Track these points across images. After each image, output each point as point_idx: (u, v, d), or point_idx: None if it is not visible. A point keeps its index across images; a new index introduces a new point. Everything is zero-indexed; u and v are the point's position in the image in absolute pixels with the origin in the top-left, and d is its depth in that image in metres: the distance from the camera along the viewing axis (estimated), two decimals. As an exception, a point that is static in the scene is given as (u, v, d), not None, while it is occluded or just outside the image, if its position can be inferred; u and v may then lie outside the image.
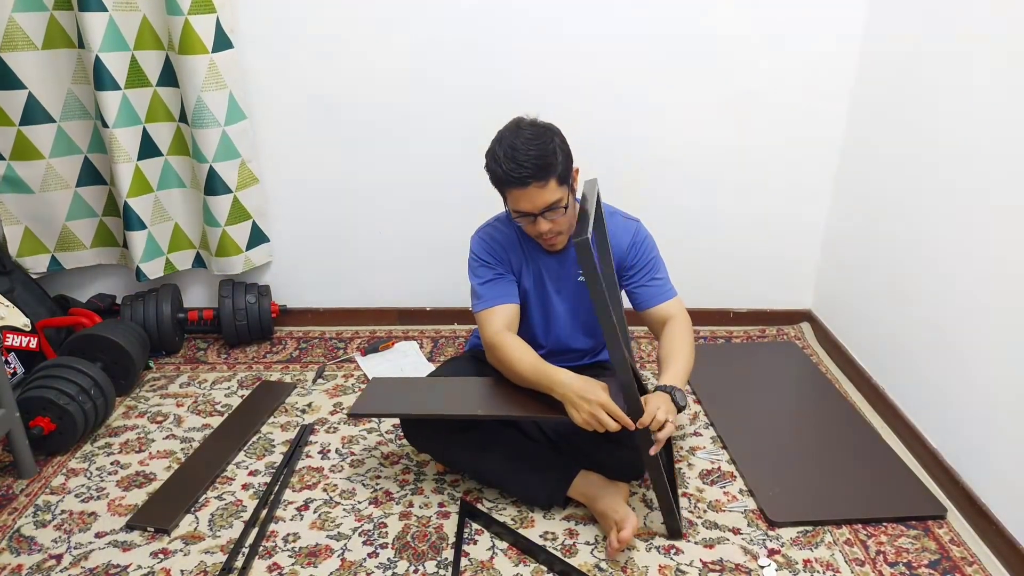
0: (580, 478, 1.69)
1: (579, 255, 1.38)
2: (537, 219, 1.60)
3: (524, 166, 1.53)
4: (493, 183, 1.63)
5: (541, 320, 1.83)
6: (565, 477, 1.70)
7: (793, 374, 2.36)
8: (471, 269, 1.78)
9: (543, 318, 1.83)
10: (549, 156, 1.56)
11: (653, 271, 1.78)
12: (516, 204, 1.60)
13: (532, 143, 1.55)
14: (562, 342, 1.85)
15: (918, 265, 1.97)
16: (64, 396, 1.90)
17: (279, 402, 2.19)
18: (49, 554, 1.61)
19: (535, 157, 1.54)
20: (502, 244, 1.76)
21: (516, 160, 1.53)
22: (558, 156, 1.58)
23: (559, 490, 1.71)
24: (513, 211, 1.62)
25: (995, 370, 1.66)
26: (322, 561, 1.59)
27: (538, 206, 1.58)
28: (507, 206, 1.65)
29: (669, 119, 2.39)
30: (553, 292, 1.79)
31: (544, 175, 1.55)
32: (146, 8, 2.18)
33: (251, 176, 2.42)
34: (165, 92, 2.30)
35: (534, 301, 1.81)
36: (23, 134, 2.22)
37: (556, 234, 1.66)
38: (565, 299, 1.80)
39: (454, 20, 2.27)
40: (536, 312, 1.82)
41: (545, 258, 1.77)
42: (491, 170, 1.60)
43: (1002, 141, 1.64)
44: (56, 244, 2.42)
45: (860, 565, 1.58)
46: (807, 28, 2.27)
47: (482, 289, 1.74)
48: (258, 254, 2.54)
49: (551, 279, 1.78)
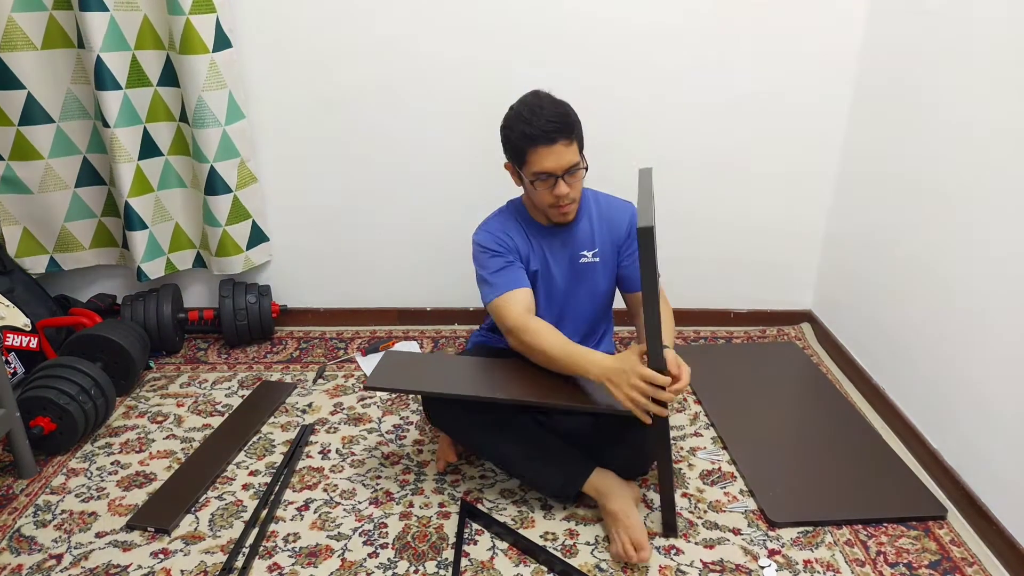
0: (596, 474, 1.69)
1: (642, 242, 1.35)
2: (559, 181, 1.64)
3: (553, 121, 1.60)
4: (514, 148, 1.66)
5: (546, 303, 1.84)
6: (583, 471, 1.69)
7: (793, 375, 2.35)
8: (479, 262, 1.78)
9: (546, 300, 1.84)
10: (572, 116, 1.65)
11: None
12: (541, 163, 1.63)
13: (555, 104, 1.65)
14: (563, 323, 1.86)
15: (918, 266, 1.97)
16: (64, 396, 1.90)
17: (279, 402, 2.19)
18: (49, 554, 1.61)
19: (560, 114, 1.62)
20: (507, 233, 1.79)
21: (545, 116, 1.60)
22: (577, 120, 1.66)
23: (576, 482, 1.69)
24: (534, 173, 1.65)
25: (995, 370, 1.66)
26: (322, 561, 1.59)
27: (563, 165, 1.63)
28: (523, 175, 1.68)
29: (669, 120, 2.38)
30: (556, 273, 1.81)
31: (570, 132, 1.62)
32: (147, 8, 2.18)
33: (250, 175, 2.42)
34: (166, 92, 2.30)
35: (540, 282, 1.83)
36: (22, 134, 2.22)
37: (572, 200, 1.69)
38: (565, 279, 1.82)
39: (456, 21, 2.27)
40: (542, 295, 1.84)
41: (548, 239, 1.80)
42: (516, 131, 1.64)
43: (1003, 142, 1.64)
44: (55, 245, 2.42)
45: (860, 565, 1.58)
46: (807, 29, 2.27)
47: (494, 277, 1.73)
48: (258, 253, 2.54)
49: (554, 260, 1.81)
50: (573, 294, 1.84)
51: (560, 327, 1.84)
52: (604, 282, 1.85)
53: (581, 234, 1.81)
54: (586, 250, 1.81)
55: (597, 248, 1.82)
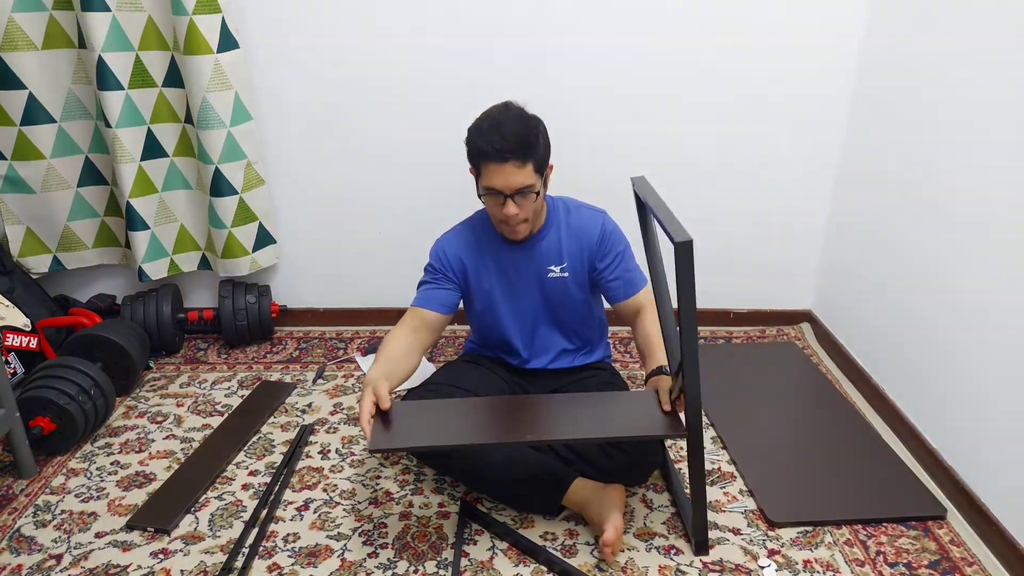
0: (573, 487, 1.65)
1: (680, 257, 1.29)
2: (507, 201, 1.61)
3: (507, 140, 1.56)
4: (470, 158, 1.65)
5: (513, 320, 1.83)
6: (558, 488, 1.66)
7: (793, 374, 2.36)
8: (424, 268, 1.84)
9: (514, 317, 1.83)
10: (532, 138, 1.59)
11: (624, 262, 1.79)
12: (489, 180, 1.61)
13: (518, 122, 1.60)
14: (540, 342, 1.86)
15: (918, 266, 1.97)
16: (64, 396, 1.90)
17: (279, 402, 2.19)
18: (49, 554, 1.62)
19: (519, 135, 1.57)
20: (455, 251, 1.79)
21: (500, 133, 1.56)
22: (540, 142, 1.61)
23: (552, 502, 1.67)
24: (484, 188, 1.63)
25: (995, 370, 1.66)
26: (322, 561, 1.59)
27: (511, 186, 1.59)
28: (479, 186, 1.66)
29: (669, 120, 2.38)
30: (521, 289, 1.80)
31: (524, 155, 1.58)
32: (151, 8, 2.18)
33: (257, 178, 2.41)
34: (171, 93, 2.30)
35: (501, 300, 1.81)
36: (24, 134, 2.22)
37: (521, 220, 1.67)
38: (533, 295, 1.81)
39: (461, 24, 2.27)
40: (506, 312, 1.82)
41: (509, 254, 1.78)
42: (471, 143, 1.62)
43: (1003, 142, 1.64)
44: (58, 244, 2.42)
45: (860, 565, 1.58)
46: (807, 30, 2.27)
47: (419, 290, 1.81)
48: (265, 256, 2.53)
49: (517, 275, 1.79)
50: (547, 310, 1.82)
51: (545, 343, 1.86)
52: (578, 295, 1.82)
53: (547, 248, 1.77)
54: (553, 265, 1.78)
55: (566, 262, 1.78)
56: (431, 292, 1.79)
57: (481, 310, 1.86)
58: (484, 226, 1.80)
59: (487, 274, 1.79)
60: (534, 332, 1.85)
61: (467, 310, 1.91)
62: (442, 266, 1.80)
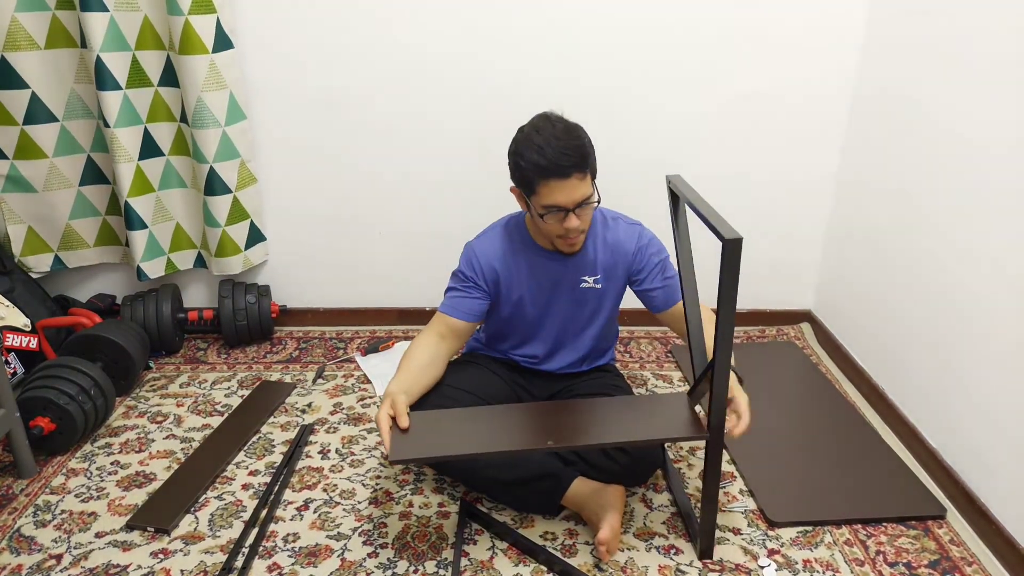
0: (573, 487, 1.65)
1: (727, 255, 1.28)
2: (570, 214, 1.58)
3: (569, 155, 1.53)
4: (525, 178, 1.58)
5: (539, 328, 1.82)
6: (557, 489, 1.66)
7: (793, 374, 2.36)
8: (454, 271, 1.80)
9: (540, 325, 1.82)
10: (588, 147, 1.57)
11: (663, 272, 1.78)
12: (552, 197, 1.56)
13: (572, 133, 1.56)
14: (561, 349, 1.86)
15: (918, 266, 1.97)
16: (64, 396, 1.90)
17: (279, 402, 2.19)
18: (49, 554, 1.62)
19: (578, 147, 1.54)
20: (487, 260, 1.75)
21: (560, 149, 1.52)
22: (592, 149, 1.59)
23: (551, 502, 1.67)
24: (544, 207, 1.58)
25: (995, 370, 1.66)
26: (322, 561, 1.59)
27: (575, 199, 1.56)
28: (532, 204, 1.60)
29: (669, 120, 2.39)
30: (553, 298, 1.79)
31: (585, 166, 1.56)
32: (147, 8, 2.18)
33: (250, 176, 2.42)
34: (166, 92, 2.30)
35: (530, 307, 1.80)
36: (26, 133, 2.22)
37: (581, 232, 1.64)
38: (562, 304, 1.80)
39: (456, 21, 2.27)
40: (533, 320, 1.81)
41: (543, 262, 1.76)
42: (528, 160, 1.55)
43: (1002, 144, 1.64)
44: (59, 243, 2.42)
45: (860, 565, 1.58)
46: (808, 29, 2.27)
47: (447, 296, 1.78)
48: (255, 253, 2.54)
49: (551, 285, 1.77)
50: (573, 319, 1.82)
51: (562, 350, 1.85)
52: (607, 307, 1.82)
53: (583, 259, 1.76)
54: (587, 275, 1.77)
55: (600, 274, 1.77)
56: (460, 300, 1.76)
57: (507, 316, 1.83)
58: (520, 234, 1.77)
59: (519, 282, 1.76)
60: (557, 339, 1.84)
61: (490, 312, 1.86)
62: (473, 273, 1.76)
